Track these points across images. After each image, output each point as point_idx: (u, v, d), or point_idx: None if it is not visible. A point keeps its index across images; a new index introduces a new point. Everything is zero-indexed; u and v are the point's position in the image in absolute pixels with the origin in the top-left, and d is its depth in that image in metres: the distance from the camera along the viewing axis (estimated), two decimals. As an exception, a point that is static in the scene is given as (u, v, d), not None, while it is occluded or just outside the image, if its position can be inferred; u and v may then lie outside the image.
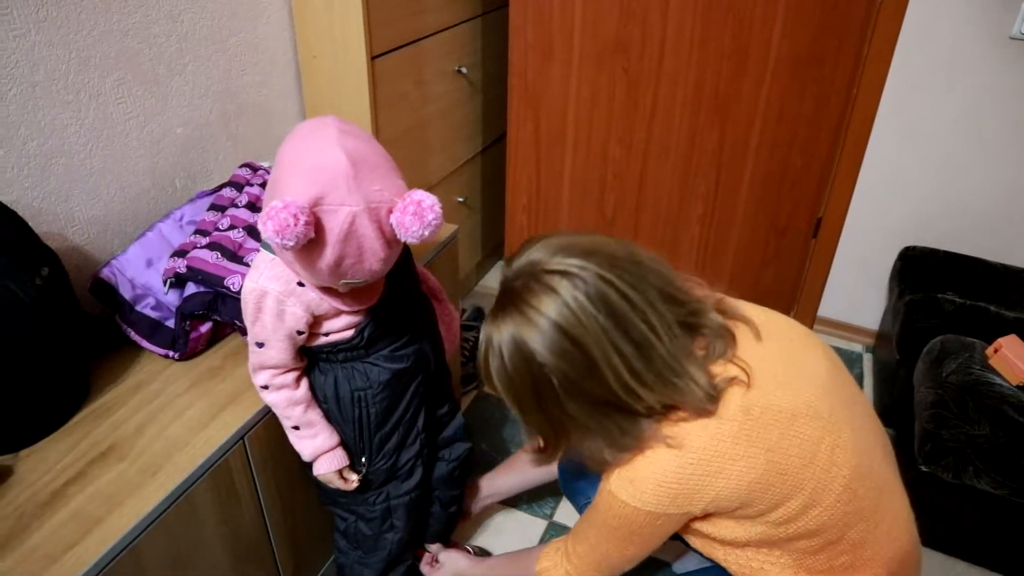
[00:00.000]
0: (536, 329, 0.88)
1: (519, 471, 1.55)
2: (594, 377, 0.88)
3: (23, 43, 1.13)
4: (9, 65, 1.11)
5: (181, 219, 1.35)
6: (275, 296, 1.00)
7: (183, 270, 1.20)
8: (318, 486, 1.24)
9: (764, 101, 2.00)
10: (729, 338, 0.96)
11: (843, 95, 1.98)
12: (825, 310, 2.31)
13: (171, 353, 1.22)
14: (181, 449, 1.07)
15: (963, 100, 1.89)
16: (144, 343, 1.22)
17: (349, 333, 1.09)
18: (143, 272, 1.26)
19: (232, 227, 1.28)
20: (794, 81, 1.97)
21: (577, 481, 1.38)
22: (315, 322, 1.05)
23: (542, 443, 1.02)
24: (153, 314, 1.22)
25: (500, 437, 1.90)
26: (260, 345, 1.04)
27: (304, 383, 1.12)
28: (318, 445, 1.14)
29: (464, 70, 2.01)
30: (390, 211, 0.90)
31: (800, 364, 0.99)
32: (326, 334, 1.08)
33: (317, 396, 1.14)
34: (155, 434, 1.09)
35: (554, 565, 1.14)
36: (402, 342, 1.15)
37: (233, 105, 1.56)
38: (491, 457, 1.83)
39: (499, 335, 0.91)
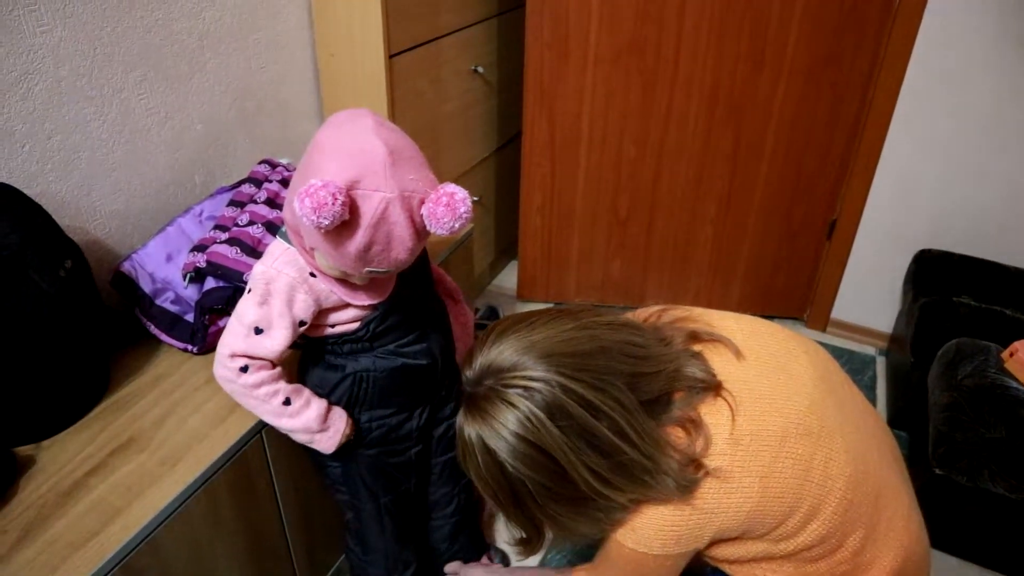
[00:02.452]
0: (502, 440, 0.87)
1: None
2: (566, 482, 0.88)
3: (49, 38, 1.14)
4: (35, 60, 1.13)
5: (201, 214, 1.37)
6: (288, 281, 0.99)
7: (203, 265, 1.21)
8: (320, 471, 1.24)
9: (779, 102, 2.00)
10: (709, 382, 0.94)
11: (859, 97, 1.98)
12: (838, 313, 2.30)
13: (190, 347, 1.23)
14: (200, 441, 1.08)
15: (980, 103, 1.88)
16: (163, 336, 1.24)
17: (355, 325, 1.08)
18: (163, 266, 1.27)
19: (251, 223, 1.29)
20: (810, 83, 1.96)
21: None
22: (321, 314, 1.04)
23: (524, 535, 1.01)
24: (173, 308, 1.23)
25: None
26: (259, 331, 0.99)
27: (282, 368, 1.06)
28: (323, 406, 1.08)
29: (480, 69, 2.02)
30: (422, 202, 0.91)
31: (785, 379, 0.98)
32: (332, 326, 1.07)
33: (310, 383, 1.11)
34: (174, 426, 1.11)
35: None
36: (409, 339, 1.13)
37: (252, 102, 1.58)
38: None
39: (472, 439, 0.90)
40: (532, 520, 0.95)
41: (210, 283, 1.23)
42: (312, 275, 1.01)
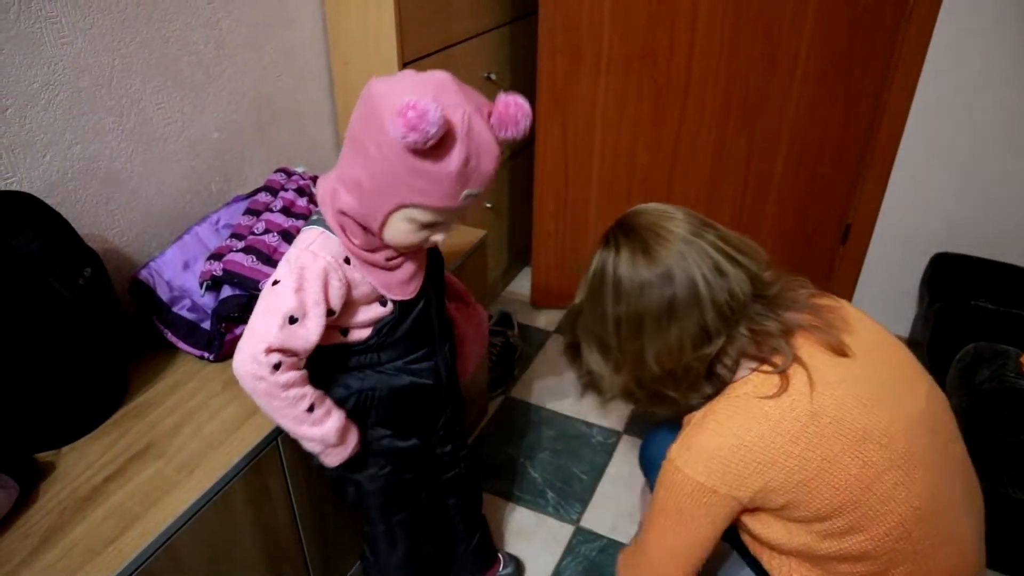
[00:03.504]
0: (650, 268, 0.96)
1: None
2: (692, 309, 0.95)
3: (70, 50, 1.16)
4: (57, 72, 1.15)
5: (217, 223, 1.38)
6: (324, 265, 0.96)
7: (219, 273, 1.22)
8: (338, 495, 1.22)
9: (793, 107, 2.00)
10: (784, 351, 0.98)
11: (873, 101, 1.97)
12: (854, 318, 2.29)
13: (206, 354, 1.24)
14: (216, 448, 1.09)
15: (995, 105, 1.87)
16: (180, 344, 1.25)
17: (367, 332, 1.06)
18: (180, 274, 1.28)
19: (267, 231, 1.30)
20: (823, 87, 1.96)
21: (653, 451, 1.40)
22: (342, 312, 1.01)
23: (614, 370, 1.06)
24: (189, 316, 1.24)
25: (527, 442, 1.91)
26: (293, 320, 0.95)
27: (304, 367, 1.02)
28: (342, 419, 1.05)
29: (493, 76, 2.03)
30: (490, 114, 0.93)
31: (894, 394, 0.98)
32: (345, 332, 1.06)
33: None
34: (191, 433, 1.11)
35: (623, 565, 1.17)
36: (417, 355, 1.12)
37: (268, 110, 1.59)
38: (517, 462, 1.84)
39: (614, 262, 1.00)
40: (637, 356, 1.00)
41: (226, 291, 1.24)
42: (347, 261, 0.99)
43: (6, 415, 1.02)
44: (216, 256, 1.26)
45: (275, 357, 0.95)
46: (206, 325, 1.25)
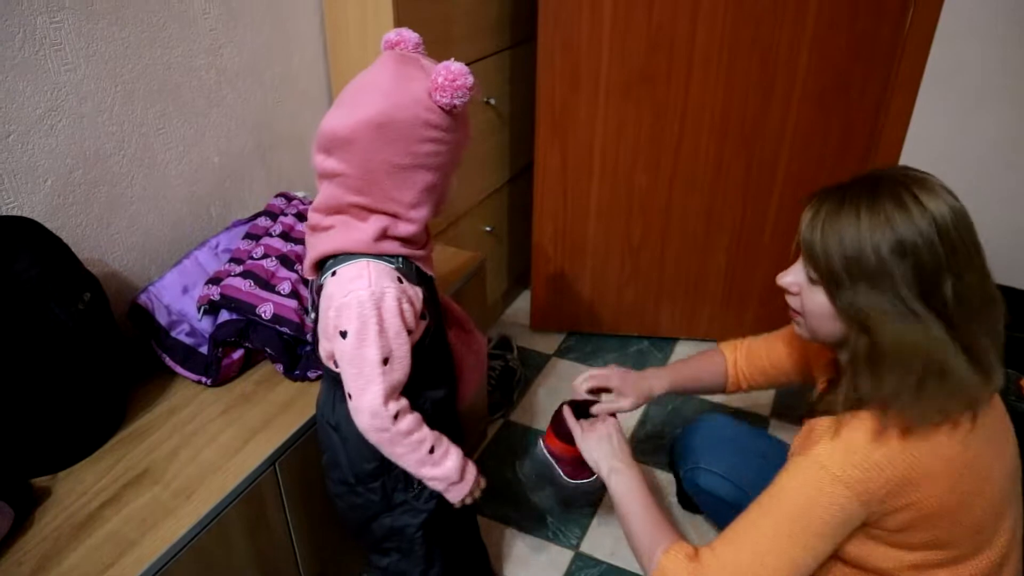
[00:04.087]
0: (909, 218, 0.89)
1: (691, 364, 1.48)
2: (933, 286, 0.89)
3: (73, 76, 1.17)
4: (60, 97, 1.16)
5: (216, 247, 1.38)
6: (395, 294, 0.94)
7: (217, 297, 1.22)
8: (359, 534, 1.19)
9: (791, 130, 2.01)
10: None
11: (870, 124, 1.98)
12: (854, 341, 2.28)
13: (204, 379, 1.24)
14: (214, 473, 1.08)
15: (992, 126, 1.89)
16: (178, 368, 1.25)
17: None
18: (179, 299, 1.28)
19: (266, 256, 1.31)
20: (820, 110, 1.97)
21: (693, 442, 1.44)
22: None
23: (839, 326, 0.97)
24: (188, 340, 1.24)
25: (527, 466, 1.90)
26: (386, 362, 0.94)
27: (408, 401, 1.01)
28: (460, 455, 1.05)
29: (492, 101, 2.05)
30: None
31: (1002, 443, 1.00)
32: None
33: (348, 429, 1.05)
34: (188, 458, 1.11)
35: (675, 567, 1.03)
36: (439, 364, 1.14)
37: (268, 135, 1.60)
38: (516, 487, 1.83)
39: (857, 207, 0.90)
40: (859, 317, 0.92)
41: (224, 315, 1.24)
42: (399, 280, 0.97)
43: (3, 440, 1.01)
44: (214, 280, 1.27)
45: (392, 407, 0.96)
46: (204, 350, 1.25)
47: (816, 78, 1.93)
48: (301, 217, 1.44)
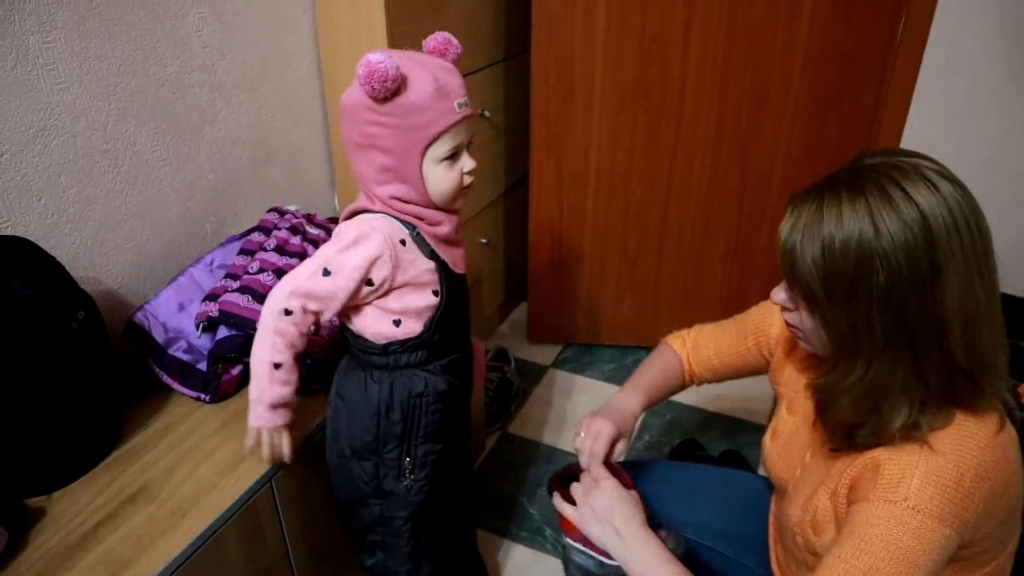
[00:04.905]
0: (896, 214, 0.78)
1: (646, 370, 1.34)
2: (927, 295, 0.78)
3: (66, 96, 1.17)
4: (53, 117, 1.16)
5: (212, 264, 1.38)
6: (378, 244, 1.02)
7: (215, 314, 1.22)
8: (350, 517, 1.23)
9: (785, 140, 2.02)
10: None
11: (864, 133, 1.99)
12: (851, 348, 2.28)
13: (203, 395, 1.24)
14: (210, 491, 1.08)
15: (986, 137, 1.89)
16: (176, 386, 1.24)
17: (419, 327, 1.10)
18: (175, 316, 1.28)
19: (261, 270, 1.30)
20: (815, 120, 1.98)
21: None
22: (394, 294, 1.07)
23: (832, 357, 0.90)
24: (185, 357, 1.24)
25: (524, 478, 1.89)
26: (327, 273, 1.03)
27: (305, 341, 1.08)
28: (286, 394, 1.09)
29: (487, 114, 2.05)
30: (427, 53, 1.07)
31: None
32: (397, 322, 1.08)
33: (366, 408, 1.12)
34: (184, 476, 1.11)
35: None
36: (456, 356, 1.17)
37: (263, 151, 1.61)
38: (515, 499, 1.82)
39: (839, 207, 0.80)
40: (852, 325, 0.83)
41: (223, 332, 1.24)
42: (403, 242, 1.05)
43: (-3, 461, 1.01)
44: (212, 296, 1.26)
45: (291, 302, 1.04)
46: (202, 366, 1.24)
47: (810, 88, 1.94)
48: (295, 231, 1.44)
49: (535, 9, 1.90)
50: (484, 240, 2.23)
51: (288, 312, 1.04)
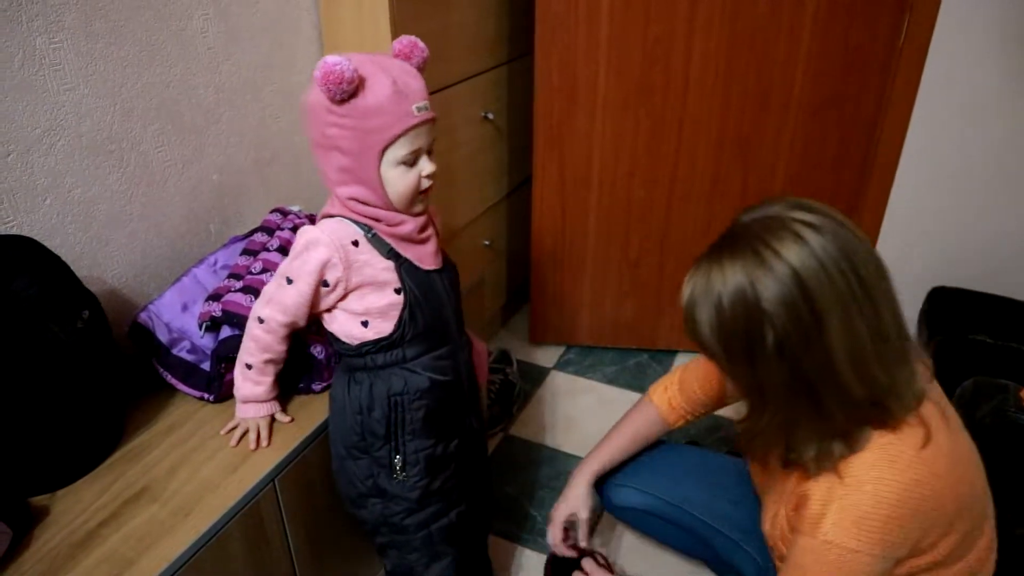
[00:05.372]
0: (771, 274, 0.82)
1: (622, 428, 1.40)
2: (815, 343, 0.82)
3: (72, 96, 1.18)
4: (59, 117, 1.16)
5: (215, 264, 1.38)
6: (327, 243, 1.06)
7: (219, 314, 1.22)
8: (358, 521, 1.24)
9: (787, 142, 2.02)
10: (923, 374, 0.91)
11: (867, 136, 1.99)
12: (854, 352, 2.28)
13: (206, 395, 1.24)
14: (213, 491, 1.08)
15: (990, 139, 1.89)
16: (179, 385, 1.25)
17: (389, 327, 1.11)
18: (179, 316, 1.28)
19: (264, 271, 1.31)
20: (817, 122, 1.98)
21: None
22: (354, 294, 1.10)
23: (746, 409, 0.97)
24: (189, 357, 1.24)
25: (526, 480, 1.89)
26: (289, 281, 1.09)
27: (287, 347, 1.17)
28: (257, 392, 1.18)
29: (490, 116, 2.05)
30: (394, 56, 1.07)
31: (949, 409, 0.98)
32: (364, 323, 1.10)
33: (350, 408, 1.15)
34: (187, 476, 1.11)
35: None
36: (442, 351, 1.17)
37: (267, 151, 1.61)
38: (516, 501, 1.82)
39: (721, 275, 0.85)
40: (756, 381, 0.89)
41: (226, 331, 1.24)
42: (355, 243, 1.07)
43: (1, 458, 1.01)
44: (215, 297, 1.27)
45: (267, 311, 1.12)
46: (205, 366, 1.25)
47: (812, 90, 1.94)
48: (297, 231, 1.44)
49: (539, 11, 1.90)
50: (487, 242, 2.23)
51: (261, 320, 1.13)
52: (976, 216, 1.99)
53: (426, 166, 1.07)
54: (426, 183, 1.08)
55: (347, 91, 0.97)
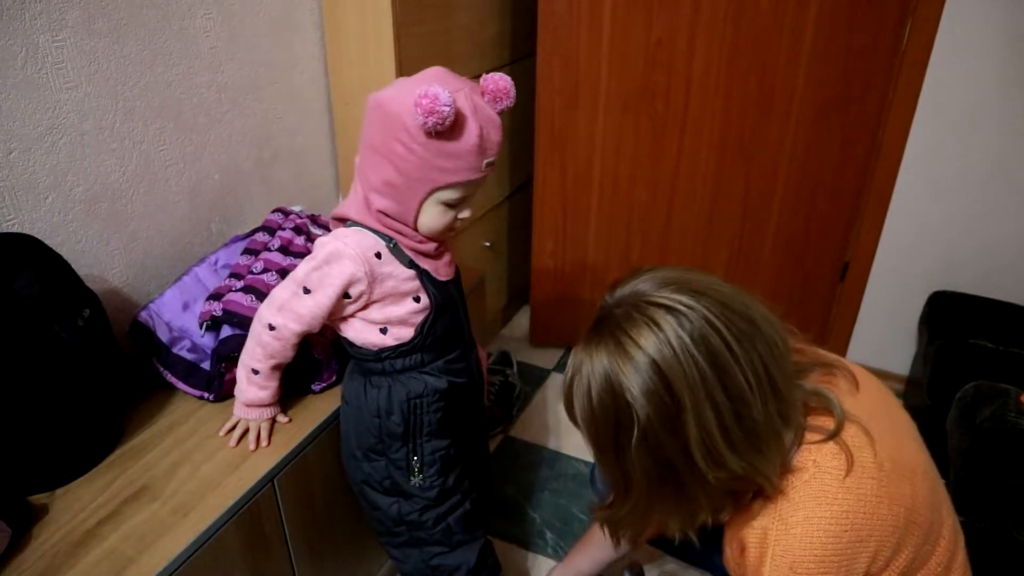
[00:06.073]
0: (632, 364, 0.82)
1: (589, 547, 1.41)
2: (676, 430, 0.83)
3: (75, 95, 1.18)
4: (61, 115, 1.16)
5: (216, 263, 1.38)
6: (352, 259, 1.04)
7: (219, 313, 1.22)
8: (375, 521, 1.26)
9: (789, 146, 2.02)
10: (831, 405, 0.90)
11: (868, 139, 1.99)
12: (853, 355, 2.28)
13: (206, 394, 1.24)
14: (212, 490, 1.08)
15: (992, 143, 1.89)
16: (180, 384, 1.25)
17: (410, 333, 1.11)
18: (180, 315, 1.28)
19: (265, 270, 1.31)
20: (819, 126, 1.98)
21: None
22: (374, 308, 1.09)
23: (613, 494, 0.96)
24: (189, 356, 1.24)
25: (526, 481, 1.89)
26: (307, 291, 1.07)
27: (295, 352, 1.15)
28: (262, 397, 1.17)
29: (492, 117, 2.05)
30: (483, 92, 1.04)
31: (895, 417, 0.97)
32: (383, 330, 1.11)
33: (367, 411, 1.15)
34: (187, 475, 1.11)
35: None
36: (455, 355, 1.18)
37: (268, 151, 1.61)
38: (516, 503, 1.82)
39: (590, 364, 0.86)
40: (622, 469, 0.88)
41: (226, 331, 1.24)
42: (378, 255, 1.06)
43: (1, 457, 1.01)
44: (215, 296, 1.27)
45: (279, 320, 1.09)
46: (206, 365, 1.25)
47: (814, 93, 1.94)
48: (298, 231, 1.44)
49: (541, 12, 1.90)
50: (487, 243, 2.23)
51: (272, 327, 1.10)
52: (977, 220, 1.99)
53: (465, 212, 1.08)
54: (459, 224, 1.09)
55: (440, 130, 0.95)
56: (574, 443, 2.01)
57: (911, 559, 0.90)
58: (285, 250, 1.38)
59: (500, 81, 1.04)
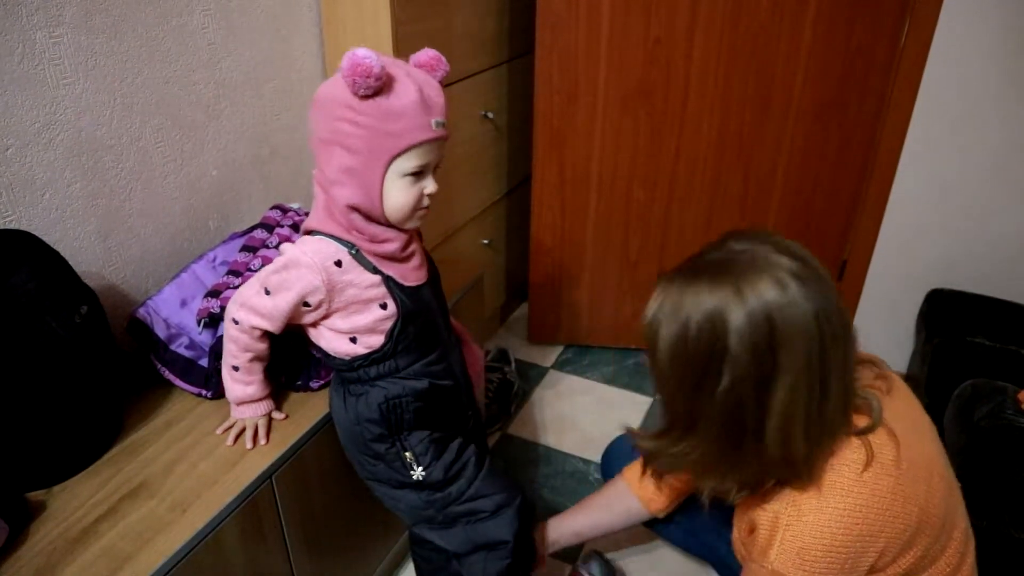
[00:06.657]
0: (745, 309, 0.80)
1: (595, 510, 1.40)
2: (763, 393, 0.82)
3: (72, 91, 1.17)
4: (58, 111, 1.16)
5: (214, 260, 1.38)
6: (310, 267, 1.05)
7: (217, 310, 1.22)
8: (407, 512, 1.24)
9: (787, 144, 2.02)
10: (872, 410, 0.91)
11: (867, 138, 1.99)
12: (852, 353, 2.28)
13: (204, 392, 1.24)
14: (210, 487, 1.08)
15: (989, 142, 1.90)
16: (177, 382, 1.24)
17: (380, 340, 1.11)
18: (177, 312, 1.28)
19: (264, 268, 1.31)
20: (817, 124, 1.98)
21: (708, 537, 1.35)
22: (338, 317, 1.10)
23: (666, 426, 0.94)
24: (187, 353, 1.24)
25: (524, 479, 1.89)
26: (267, 292, 1.08)
27: (267, 344, 1.15)
28: (249, 392, 1.16)
29: (490, 115, 2.05)
30: (415, 66, 1.05)
31: (917, 419, 0.97)
32: (353, 339, 1.11)
33: (349, 421, 1.16)
34: (185, 472, 1.11)
35: None
36: (432, 357, 1.17)
37: (266, 148, 1.61)
38: (515, 499, 1.82)
39: (696, 298, 0.83)
40: (691, 411, 0.88)
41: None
42: (338, 263, 1.06)
43: (-2, 454, 1.01)
44: (214, 293, 1.26)
45: (242, 314, 1.11)
46: (204, 362, 1.25)
47: (813, 92, 1.94)
48: (296, 228, 1.44)
49: (539, 11, 1.90)
50: (485, 241, 2.23)
51: (236, 322, 1.12)
52: (975, 219, 1.99)
53: (429, 185, 1.06)
54: (426, 201, 1.07)
55: (373, 87, 0.94)
56: (572, 441, 2.02)
57: (919, 557, 0.91)
58: (283, 247, 1.38)
59: (428, 52, 1.06)
